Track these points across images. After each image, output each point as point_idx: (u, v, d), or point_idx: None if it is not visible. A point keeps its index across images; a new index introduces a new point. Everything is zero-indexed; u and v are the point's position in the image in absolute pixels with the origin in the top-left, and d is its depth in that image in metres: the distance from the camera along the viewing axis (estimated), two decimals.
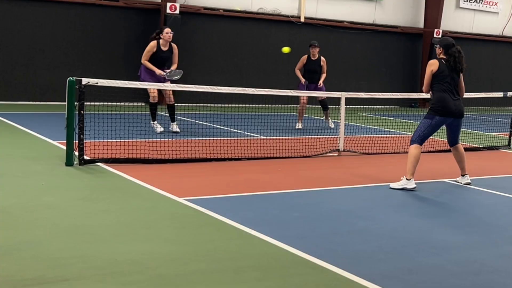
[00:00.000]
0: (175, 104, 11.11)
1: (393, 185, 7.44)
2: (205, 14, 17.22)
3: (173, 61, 11.01)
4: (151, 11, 16.59)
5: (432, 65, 7.47)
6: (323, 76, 13.06)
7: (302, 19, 18.60)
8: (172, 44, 10.95)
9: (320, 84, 12.91)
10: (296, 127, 12.86)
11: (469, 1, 22.20)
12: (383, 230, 5.71)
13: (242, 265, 4.54)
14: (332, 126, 13.13)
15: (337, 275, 4.43)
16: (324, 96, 12.53)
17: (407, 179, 7.36)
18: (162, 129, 11.01)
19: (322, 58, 13.10)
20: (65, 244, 4.77)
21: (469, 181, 7.96)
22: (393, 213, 6.37)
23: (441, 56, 7.57)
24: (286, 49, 4.91)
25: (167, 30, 10.89)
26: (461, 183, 7.96)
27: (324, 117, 13.50)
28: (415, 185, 7.36)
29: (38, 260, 4.37)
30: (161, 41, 10.82)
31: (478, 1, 22.36)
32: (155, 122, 11.09)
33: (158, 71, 10.70)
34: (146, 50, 10.81)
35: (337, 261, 4.69)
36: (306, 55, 13.12)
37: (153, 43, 10.80)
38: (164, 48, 10.85)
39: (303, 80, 12.95)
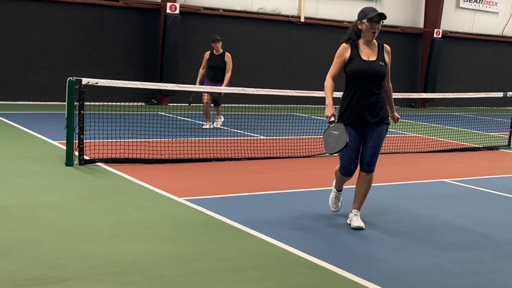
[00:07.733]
0: None
1: None
2: (205, 14, 17.23)
3: None
4: (151, 11, 16.60)
5: None
6: (228, 75, 11.77)
7: (302, 19, 18.60)
8: None
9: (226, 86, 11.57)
10: (204, 127, 11.94)
11: (469, 1, 22.20)
12: (383, 230, 5.71)
13: (242, 265, 4.54)
14: (218, 126, 11.97)
15: (337, 275, 4.43)
16: (222, 93, 11.47)
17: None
18: None
19: (227, 53, 11.90)
20: (65, 244, 4.77)
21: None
22: (393, 213, 6.37)
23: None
24: None
25: None
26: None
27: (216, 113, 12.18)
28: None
29: (38, 260, 4.37)
30: None
31: (478, 1, 22.35)
32: None
33: None
34: None
35: (337, 261, 4.69)
36: (209, 51, 12.00)
37: None
38: None
39: (197, 82, 11.75)
